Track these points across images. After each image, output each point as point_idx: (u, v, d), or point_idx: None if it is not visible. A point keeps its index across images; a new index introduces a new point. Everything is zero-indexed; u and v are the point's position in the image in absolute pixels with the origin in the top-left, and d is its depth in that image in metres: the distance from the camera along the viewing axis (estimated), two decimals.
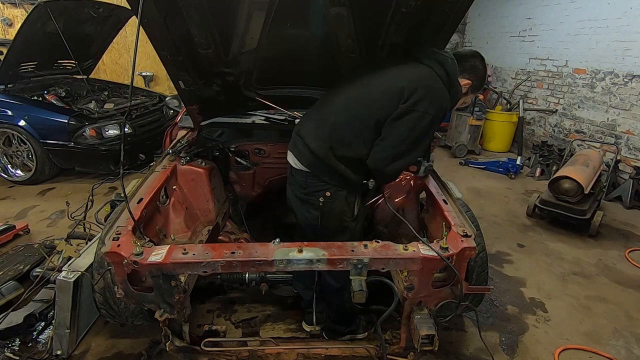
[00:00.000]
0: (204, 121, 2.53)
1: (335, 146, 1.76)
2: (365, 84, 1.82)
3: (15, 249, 2.85)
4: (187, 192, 2.39)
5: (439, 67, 1.73)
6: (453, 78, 1.76)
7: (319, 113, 1.90)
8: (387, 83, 1.75)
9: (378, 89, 1.76)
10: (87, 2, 4.47)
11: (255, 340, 1.93)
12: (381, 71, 1.82)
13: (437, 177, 2.24)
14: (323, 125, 1.81)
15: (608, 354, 2.26)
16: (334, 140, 1.76)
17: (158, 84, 7.89)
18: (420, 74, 1.72)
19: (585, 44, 5.42)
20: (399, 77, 1.74)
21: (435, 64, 1.73)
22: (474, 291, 1.79)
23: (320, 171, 1.81)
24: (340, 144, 1.76)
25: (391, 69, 1.81)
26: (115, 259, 1.55)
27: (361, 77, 1.87)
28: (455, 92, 1.79)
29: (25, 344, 2.18)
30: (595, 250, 3.48)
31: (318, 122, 1.85)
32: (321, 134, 1.80)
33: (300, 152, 1.86)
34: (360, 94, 1.80)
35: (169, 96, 4.31)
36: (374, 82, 1.80)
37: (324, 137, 1.78)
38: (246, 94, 2.36)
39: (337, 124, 1.78)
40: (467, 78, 1.82)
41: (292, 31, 1.92)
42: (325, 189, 1.81)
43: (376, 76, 1.82)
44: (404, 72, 1.76)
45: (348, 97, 1.84)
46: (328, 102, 1.91)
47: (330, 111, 1.84)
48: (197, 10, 1.73)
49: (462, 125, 6.31)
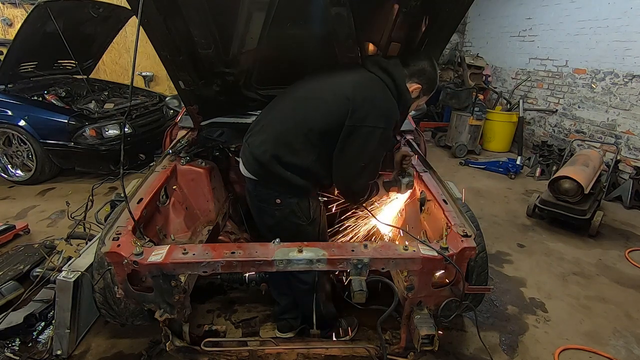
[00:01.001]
0: (204, 121, 2.53)
1: (281, 153, 1.72)
2: (312, 90, 1.81)
3: (15, 249, 2.85)
4: (187, 192, 2.39)
5: (385, 75, 1.72)
6: (400, 85, 1.74)
7: (266, 119, 1.87)
8: (334, 90, 1.72)
9: (325, 96, 1.73)
10: (87, 2, 4.47)
11: (255, 340, 1.93)
12: (328, 78, 1.80)
13: (437, 177, 2.24)
14: (269, 132, 1.79)
15: (608, 354, 2.26)
16: (279, 147, 1.73)
17: (158, 84, 7.89)
18: (366, 83, 1.71)
19: (585, 44, 5.42)
20: (346, 85, 1.71)
21: (381, 71, 1.73)
22: (474, 291, 1.78)
23: (266, 179, 1.79)
24: (286, 151, 1.72)
25: (338, 75, 1.79)
26: (115, 259, 1.55)
27: (306, 83, 1.85)
28: (405, 100, 1.77)
29: (25, 344, 2.18)
30: (595, 250, 3.48)
31: (264, 128, 1.82)
32: (267, 140, 1.77)
33: (247, 159, 1.84)
34: (306, 100, 1.79)
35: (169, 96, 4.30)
36: (321, 89, 1.78)
37: (269, 144, 1.75)
38: (246, 94, 2.35)
39: (283, 130, 1.75)
40: (417, 82, 1.79)
41: (292, 31, 1.92)
42: (274, 196, 1.80)
43: (323, 83, 1.80)
44: (350, 79, 1.73)
45: (294, 103, 1.82)
46: (275, 108, 1.89)
47: (276, 117, 1.83)
48: (197, 10, 1.73)
49: (462, 125, 6.30)
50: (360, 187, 1.83)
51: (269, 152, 1.74)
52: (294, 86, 1.90)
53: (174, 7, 1.68)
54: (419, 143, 3.01)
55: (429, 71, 1.80)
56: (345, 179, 1.79)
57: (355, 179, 1.78)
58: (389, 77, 1.72)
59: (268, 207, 1.84)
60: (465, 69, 7.07)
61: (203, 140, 2.63)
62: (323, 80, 1.82)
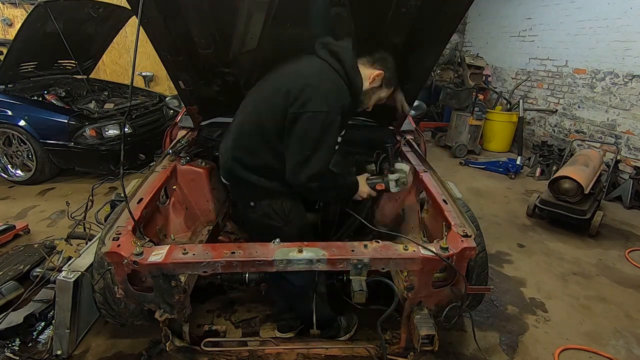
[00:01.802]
0: (204, 121, 2.53)
1: (241, 156, 1.72)
2: (262, 88, 1.79)
3: (15, 249, 2.85)
4: (187, 192, 2.39)
5: (333, 60, 1.67)
6: (350, 70, 1.68)
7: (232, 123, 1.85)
8: (275, 84, 1.70)
9: (270, 91, 1.70)
10: (87, 2, 4.47)
11: (255, 340, 1.93)
12: (276, 71, 1.77)
13: (437, 177, 2.24)
14: (230, 136, 1.79)
15: (608, 354, 2.26)
16: (238, 150, 1.73)
17: (158, 84, 7.89)
18: (309, 71, 1.66)
19: (585, 44, 5.42)
20: (288, 76, 1.69)
21: (329, 55, 1.68)
22: (474, 291, 1.78)
23: (235, 183, 1.80)
24: (245, 153, 1.71)
25: (284, 67, 1.75)
26: (115, 259, 1.55)
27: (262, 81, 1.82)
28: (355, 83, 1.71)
29: (25, 344, 2.18)
30: (595, 250, 3.48)
31: (228, 133, 1.81)
32: (229, 145, 1.77)
33: (220, 165, 1.86)
34: (258, 99, 1.77)
35: (169, 96, 4.30)
36: (268, 85, 1.75)
37: (230, 149, 1.75)
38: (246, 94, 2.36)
39: (241, 133, 1.74)
40: (379, 68, 1.74)
41: (292, 31, 1.92)
42: (247, 199, 1.81)
43: (272, 79, 1.77)
44: (295, 69, 1.70)
45: (249, 104, 1.80)
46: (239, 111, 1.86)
47: (237, 120, 1.82)
48: (197, 11, 1.73)
49: (462, 125, 6.30)
50: (305, 179, 1.65)
51: (231, 156, 1.75)
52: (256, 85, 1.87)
53: (174, 7, 1.68)
54: (419, 143, 3.01)
55: (391, 61, 1.79)
56: (292, 170, 1.66)
57: (301, 169, 1.64)
58: (337, 62, 1.67)
59: (245, 210, 1.86)
60: (465, 69, 7.06)
61: (203, 140, 2.63)
62: (273, 76, 1.78)
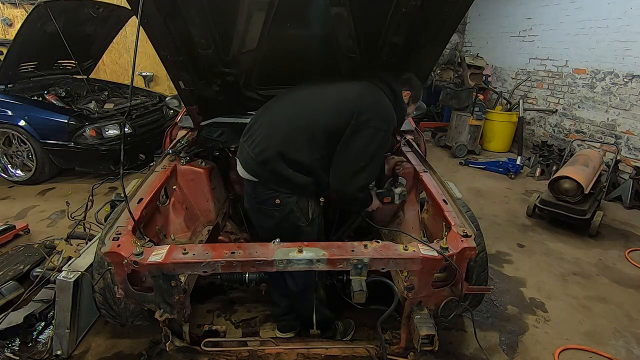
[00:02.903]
0: (204, 121, 2.53)
1: (286, 150, 1.76)
2: (317, 93, 1.89)
3: (15, 249, 2.85)
4: (187, 192, 2.39)
5: (385, 86, 1.88)
6: (398, 94, 1.91)
7: (264, 119, 1.91)
8: (341, 94, 1.84)
9: (332, 98, 1.84)
10: (87, 2, 4.47)
11: (255, 340, 1.93)
12: (332, 84, 1.91)
13: (437, 177, 2.24)
14: (272, 130, 1.83)
15: (608, 354, 2.26)
16: (286, 144, 1.77)
17: (158, 84, 7.89)
18: (370, 91, 1.84)
19: (585, 44, 5.42)
20: (352, 90, 1.84)
21: (381, 82, 1.88)
22: (474, 291, 1.78)
23: (266, 178, 1.81)
24: (291, 148, 1.77)
25: (342, 82, 1.91)
26: (115, 259, 1.55)
27: (309, 86, 1.93)
28: (402, 107, 1.95)
29: (25, 344, 2.18)
30: (595, 250, 3.48)
31: (266, 127, 1.85)
32: (270, 138, 1.81)
33: (245, 160, 1.87)
34: (313, 101, 1.86)
35: (169, 96, 4.30)
36: (327, 92, 1.87)
37: (274, 142, 1.79)
38: (246, 94, 2.36)
39: (289, 128, 1.80)
40: (407, 89, 1.96)
41: (292, 31, 1.92)
42: (274, 196, 1.82)
43: (328, 87, 1.89)
44: (356, 86, 1.86)
45: (299, 104, 1.88)
46: (274, 108, 1.93)
47: (279, 116, 1.87)
48: (197, 11, 1.73)
49: (462, 125, 6.30)
50: (356, 188, 1.83)
51: (273, 148, 1.77)
52: (295, 89, 1.96)
53: (174, 7, 1.68)
54: (419, 143, 3.02)
55: (415, 80, 2.00)
56: (343, 177, 1.80)
57: (352, 178, 1.79)
58: (388, 87, 1.88)
59: (267, 208, 1.86)
60: (465, 69, 7.06)
61: (203, 140, 2.63)
62: (327, 85, 1.90)
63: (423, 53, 2.01)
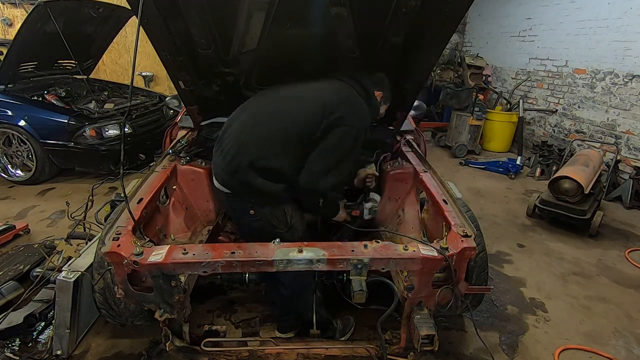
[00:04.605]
0: (204, 121, 2.53)
1: (258, 158, 1.74)
2: (287, 96, 1.89)
3: (15, 249, 2.85)
4: (187, 192, 2.39)
5: (357, 84, 1.90)
6: (370, 93, 1.94)
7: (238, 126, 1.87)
8: (313, 94, 1.84)
9: (305, 99, 1.84)
10: (87, 2, 4.47)
11: (255, 340, 1.93)
12: (302, 86, 1.91)
13: (437, 177, 2.24)
14: (245, 137, 1.80)
15: (608, 354, 2.26)
16: (258, 151, 1.75)
17: (158, 84, 7.89)
18: (342, 89, 1.87)
19: (585, 44, 5.42)
20: (325, 90, 1.85)
21: (353, 81, 1.91)
22: (474, 291, 1.78)
23: (236, 189, 1.80)
24: (264, 155, 1.74)
25: (311, 84, 1.91)
26: (115, 259, 1.55)
27: (277, 91, 1.93)
28: (375, 106, 1.98)
29: (25, 344, 2.18)
30: (595, 250, 3.48)
31: (239, 134, 1.83)
32: (242, 146, 1.78)
33: (217, 171, 1.85)
34: (284, 105, 1.86)
35: (169, 96, 4.31)
36: (298, 94, 1.88)
37: (245, 150, 1.76)
38: (246, 94, 2.35)
39: (262, 135, 1.78)
40: (378, 89, 1.99)
41: (292, 31, 1.92)
42: (248, 207, 1.81)
43: (297, 89, 1.89)
44: (327, 86, 1.88)
45: (268, 109, 1.86)
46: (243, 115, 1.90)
47: (248, 123, 1.84)
48: (197, 11, 1.74)
49: (462, 125, 6.30)
50: (326, 186, 1.79)
51: (243, 157, 1.75)
52: (266, 92, 1.96)
53: (174, 7, 1.68)
54: (419, 143, 3.02)
55: (386, 80, 2.04)
56: (314, 174, 1.77)
57: (324, 176, 1.77)
58: (360, 86, 1.91)
59: (244, 219, 1.86)
60: (465, 69, 7.06)
61: (203, 140, 2.63)
62: (297, 87, 1.90)
63: (423, 53, 2.01)
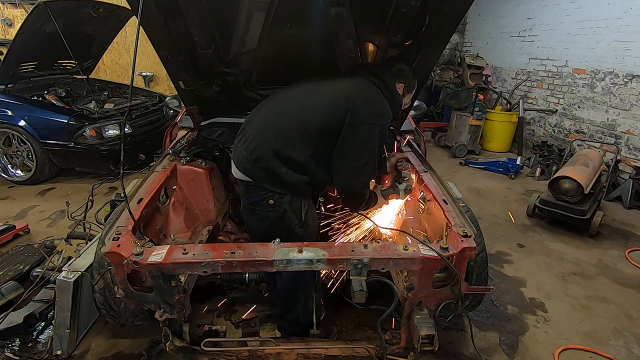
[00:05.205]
0: (204, 121, 2.53)
1: (280, 147, 1.76)
2: (309, 91, 1.89)
3: (15, 249, 2.85)
4: (187, 192, 2.39)
5: (377, 80, 1.87)
6: (391, 87, 1.90)
7: (257, 118, 1.90)
8: (334, 91, 1.83)
9: (325, 95, 1.83)
10: (87, 2, 4.47)
11: (255, 340, 1.92)
12: (324, 82, 1.90)
13: (437, 177, 2.24)
14: (265, 128, 1.83)
15: (608, 354, 2.26)
16: (279, 141, 1.77)
17: (158, 84, 7.89)
18: (363, 87, 1.84)
19: (585, 44, 5.42)
20: (345, 87, 1.83)
21: (372, 76, 1.88)
22: (474, 291, 1.78)
23: (258, 177, 1.81)
24: (285, 145, 1.76)
25: (333, 80, 1.90)
26: (115, 259, 1.55)
27: (301, 85, 1.93)
28: (397, 100, 1.94)
29: (25, 344, 2.18)
30: (595, 250, 3.48)
31: (258, 126, 1.85)
32: (263, 135, 1.80)
33: (238, 160, 1.86)
34: (305, 99, 1.86)
35: (169, 96, 4.31)
36: (319, 89, 1.88)
37: (267, 139, 1.78)
38: (246, 94, 2.36)
39: (281, 125, 1.80)
40: (400, 81, 1.94)
41: (292, 31, 1.92)
42: (267, 197, 1.81)
43: (319, 85, 1.90)
44: (348, 83, 1.86)
45: (291, 101, 1.88)
46: (267, 107, 1.93)
47: (272, 114, 1.87)
48: (197, 10, 1.73)
49: (462, 125, 6.30)
50: (360, 187, 1.87)
51: (266, 146, 1.77)
52: (287, 88, 1.96)
53: (174, 7, 1.68)
54: (419, 143, 3.01)
55: (406, 69, 1.96)
56: (347, 177, 1.84)
57: (356, 177, 1.83)
58: (381, 81, 1.87)
59: (261, 209, 1.86)
60: (465, 69, 7.07)
61: (203, 140, 2.63)
62: (319, 83, 1.90)
63: (423, 53, 2.01)
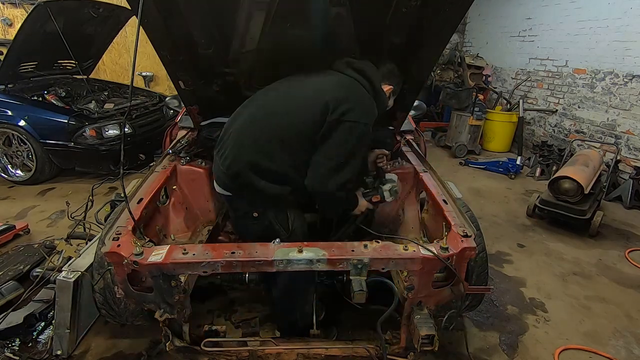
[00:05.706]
0: (204, 121, 2.53)
1: (258, 160, 1.69)
2: (287, 93, 1.80)
3: (15, 249, 2.85)
4: (187, 192, 2.39)
5: (360, 77, 1.77)
6: (376, 85, 1.79)
7: (233, 128, 1.81)
8: (310, 94, 1.74)
9: (305, 96, 1.74)
10: (87, 2, 4.47)
11: (255, 340, 1.92)
12: (302, 82, 1.81)
13: (437, 177, 2.24)
14: (243, 140, 1.74)
15: (608, 354, 2.26)
16: (256, 154, 1.69)
17: (158, 84, 7.89)
18: (345, 84, 1.74)
19: (585, 44, 5.42)
20: (322, 88, 1.74)
21: (356, 73, 1.77)
22: (474, 291, 1.78)
23: (239, 192, 1.76)
24: (263, 158, 1.69)
25: (311, 79, 1.81)
26: (115, 259, 1.55)
27: (277, 88, 1.85)
28: (382, 100, 1.83)
29: (25, 344, 2.18)
30: (595, 250, 3.48)
31: (237, 137, 1.76)
32: (241, 149, 1.72)
33: (218, 175, 1.81)
34: (283, 103, 1.77)
35: (169, 96, 4.31)
36: (298, 90, 1.79)
37: (244, 152, 1.71)
38: (246, 94, 2.35)
39: (260, 136, 1.71)
40: (388, 83, 1.86)
41: (292, 31, 1.92)
42: (251, 209, 1.77)
43: (298, 86, 1.81)
44: (328, 81, 1.76)
45: (267, 108, 1.79)
46: (242, 116, 1.84)
47: (247, 124, 1.78)
48: (197, 11, 1.73)
49: (462, 125, 6.30)
50: (334, 187, 1.70)
51: (243, 160, 1.71)
52: (267, 90, 1.88)
53: (174, 7, 1.68)
54: (419, 143, 3.02)
55: (396, 72, 1.88)
56: (320, 176, 1.70)
57: (330, 176, 1.69)
58: (365, 79, 1.78)
59: (246, 221, 1.83)
60: (465, 69, 7.06)
61: (203, 140, 2.62)
62: (300, 83, 1.82)
63: (423, 53, 2.01)
